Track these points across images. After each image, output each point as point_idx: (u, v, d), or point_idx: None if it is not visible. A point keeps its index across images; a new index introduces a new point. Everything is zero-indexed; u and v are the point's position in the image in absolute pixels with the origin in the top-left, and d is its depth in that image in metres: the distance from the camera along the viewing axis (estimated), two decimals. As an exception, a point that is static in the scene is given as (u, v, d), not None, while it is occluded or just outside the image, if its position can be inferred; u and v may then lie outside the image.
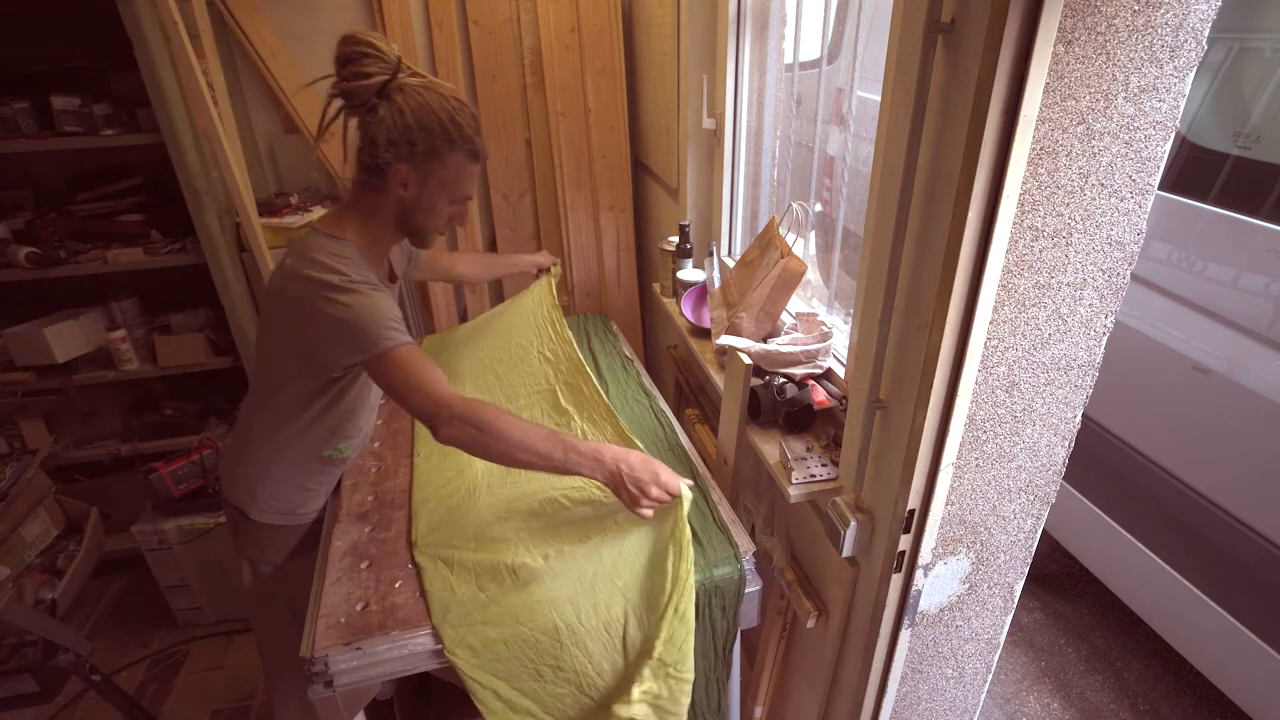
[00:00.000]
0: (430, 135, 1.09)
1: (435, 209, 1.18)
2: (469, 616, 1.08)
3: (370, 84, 1.06)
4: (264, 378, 1.24)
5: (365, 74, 1.06)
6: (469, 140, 1.13)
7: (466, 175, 1.17)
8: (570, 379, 1.53)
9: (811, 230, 1.57)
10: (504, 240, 2.47)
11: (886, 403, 1.00)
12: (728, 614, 1.15)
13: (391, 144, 1.08)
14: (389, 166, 1.10)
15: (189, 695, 2.04)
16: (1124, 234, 0.86)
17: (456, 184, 1.17)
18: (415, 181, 1.13)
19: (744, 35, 1.67)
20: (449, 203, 1.18)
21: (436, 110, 1.09)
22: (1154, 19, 0.74)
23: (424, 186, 1.14)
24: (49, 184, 2.16)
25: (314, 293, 1.08)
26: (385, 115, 1.07)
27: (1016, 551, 1.12)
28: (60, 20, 1.99)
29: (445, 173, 1.14)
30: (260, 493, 1.31)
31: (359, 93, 1.07)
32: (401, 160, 1.10)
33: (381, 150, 1.08)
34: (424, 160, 1.11)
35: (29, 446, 2.23)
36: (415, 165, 1.11)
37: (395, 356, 1.09)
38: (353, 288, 1.08)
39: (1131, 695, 2.00)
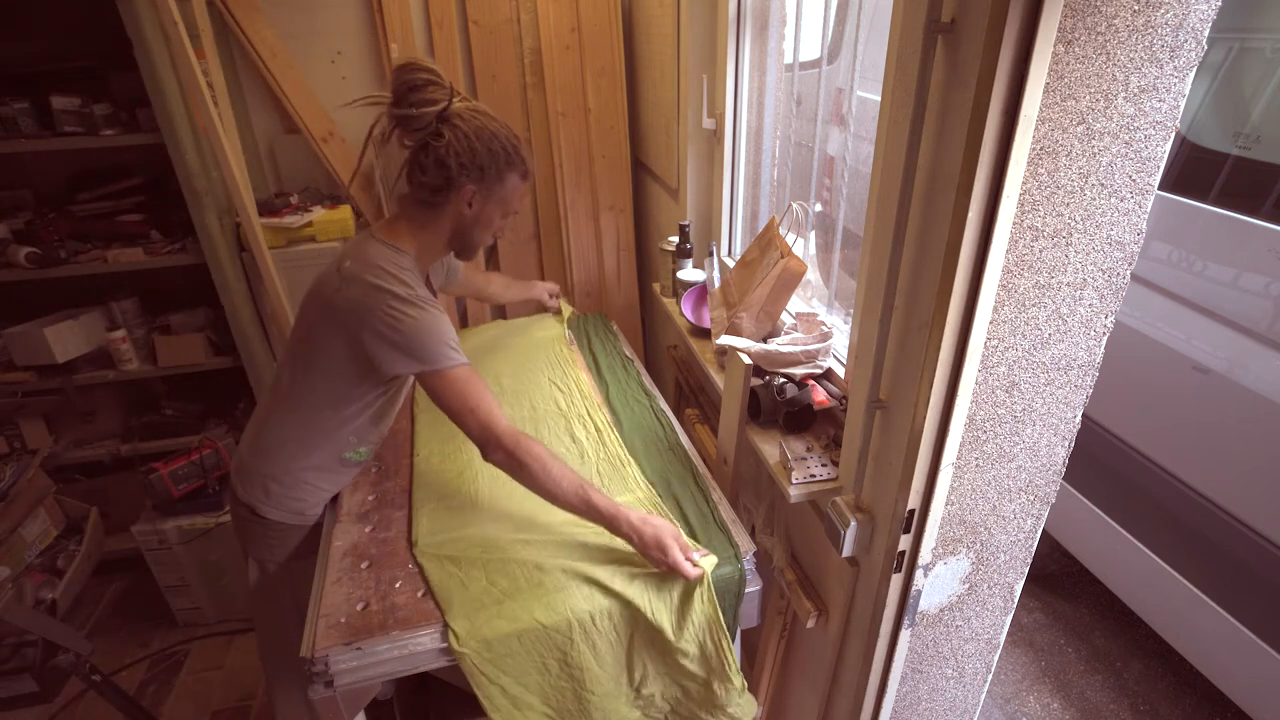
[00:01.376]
0: (495, 158, 1.17)
1: (490, 225, 1.26)
2: (484, 610, 1.08)
3: (434, 110, 1.12)
4: (301, 376, 1.24)
5: (430, 100, 1.12)
6: (524, 161, 1.22)
7: (519, 193, 1.26)
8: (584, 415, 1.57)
9: (811, 230, 1.57)
10: (504, 240, 2.47)
11: (886, 403, 1.00)
12: (727, 614, 1.15)
13: (463, 167, 1.15)
14: (460, 187, 1.17)
15: (189, 695, 2.04)
16: (1124, 234, 0.86)
17: (511, 202, 1.25)
18: (480, 200, 1.20)
19: (744, 35, 1.67)
20: (500, 218, 1.26)
21: (496, 133, 1.16)
22: (1154, 19, 0.74)
23: (485, 204, 1.22)
24: (49, 184, 2.16)
25: (379, 300, 1.12)
26: (451, 140, 1.13)
27: (1016, 551, 1.12)
28: (60, 20, 1.99)
29: (504, 192, 1.22)
30: (275, 490, 1.31)
31: (422, 118, 1.12)
32: (471, 181, 1.17)
33: (454, 172, 1.15)
34: (490, 181, 1.19)
35: (29, 446, 2.22)
36: (481, 185, 1.19)
37: (455, 376, 1.15)
38: (417, 302, 1.14)
39: (1131, 695, 2.00)
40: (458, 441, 1.48)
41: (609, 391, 1.67)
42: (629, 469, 1.39)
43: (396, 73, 1.13)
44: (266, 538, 1.36)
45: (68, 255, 2.00)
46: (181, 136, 1.83)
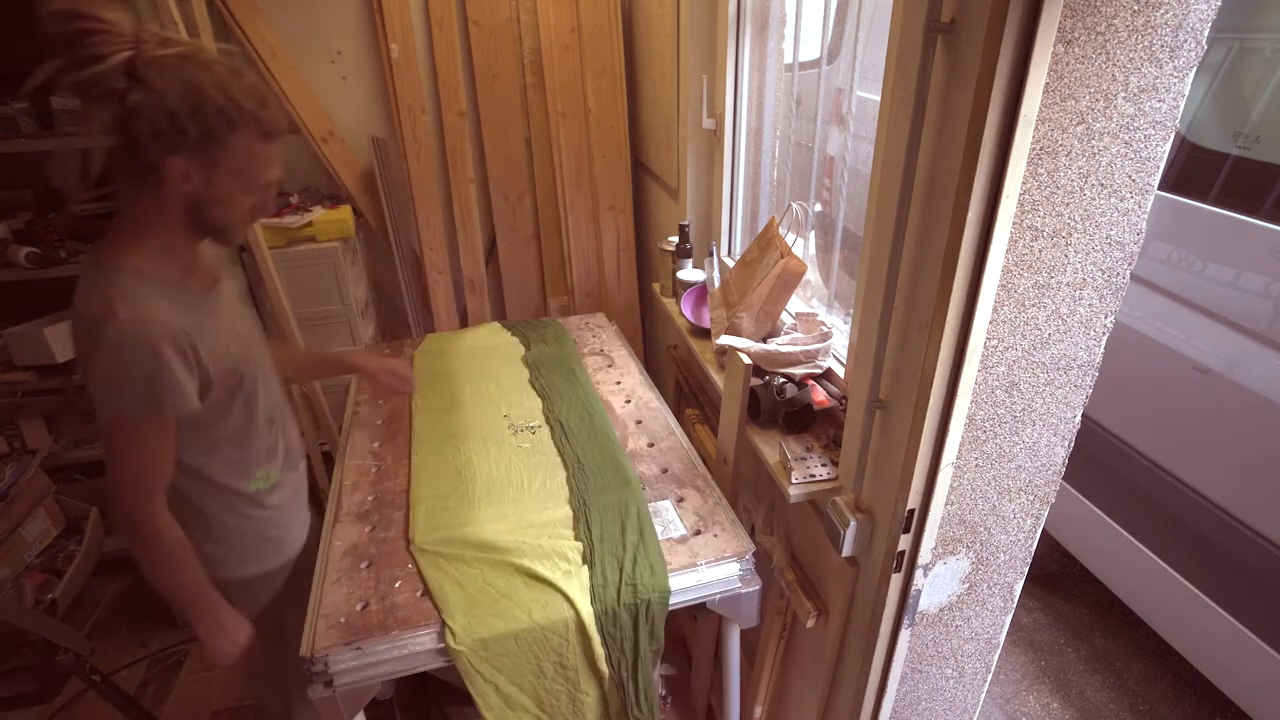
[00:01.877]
0: (203, 117, 0.89)
1: (232, 201, 0.98)
2: (481, 609, 1.08)
3: (109, 65, 0.84)
4: None
5: (98, 55, 0.84)
6: (253, 116, 0.93)
7: (260, 157, 0.97)
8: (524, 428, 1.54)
9: (811, 230, 1.57)
10: (504, 240, 2.48)
11: (886, 403, 1.00)
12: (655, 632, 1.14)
13: (156, 136, 0.88)
14: (160, 163, 0.90)
15: (189, 695, 2.04)
16: (1124, 234, 0.86)
17: (250, 170, 0.97)
18: (199, 174, 0.94)
19: (744, 35, 1.67)
20: (246, 192, 0.99)
21: (205, 86, 0.89)
22: (1154, 19, 0.74)
23: (211, 178, 0.95)
24: (49, 184, 2.16)
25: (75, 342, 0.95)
26: (140, 102, 0.86)
27: (1016, 551, 1.12)
28: (60, 20, 1.99)
29: (232, 159, 0.95)
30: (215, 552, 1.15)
31: (99, 81, 0.85)
32: (173, 153, 0.90)
33: (145, 146, 0.88)
34: (202, 148, 0.91)
35: (29, 446, 2.23)
36: (192, 156, 0.92)
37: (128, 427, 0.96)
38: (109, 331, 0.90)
39: (1131, 695, 2.00)
40: (455, 441, 1.48)
41: (547, 405, 1.62)
42: (555, 487, 1.35)
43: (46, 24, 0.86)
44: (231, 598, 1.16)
45: (68, 255, 2.00)
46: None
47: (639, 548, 1.18)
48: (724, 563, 1.18)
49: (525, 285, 2.56)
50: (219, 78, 0.90)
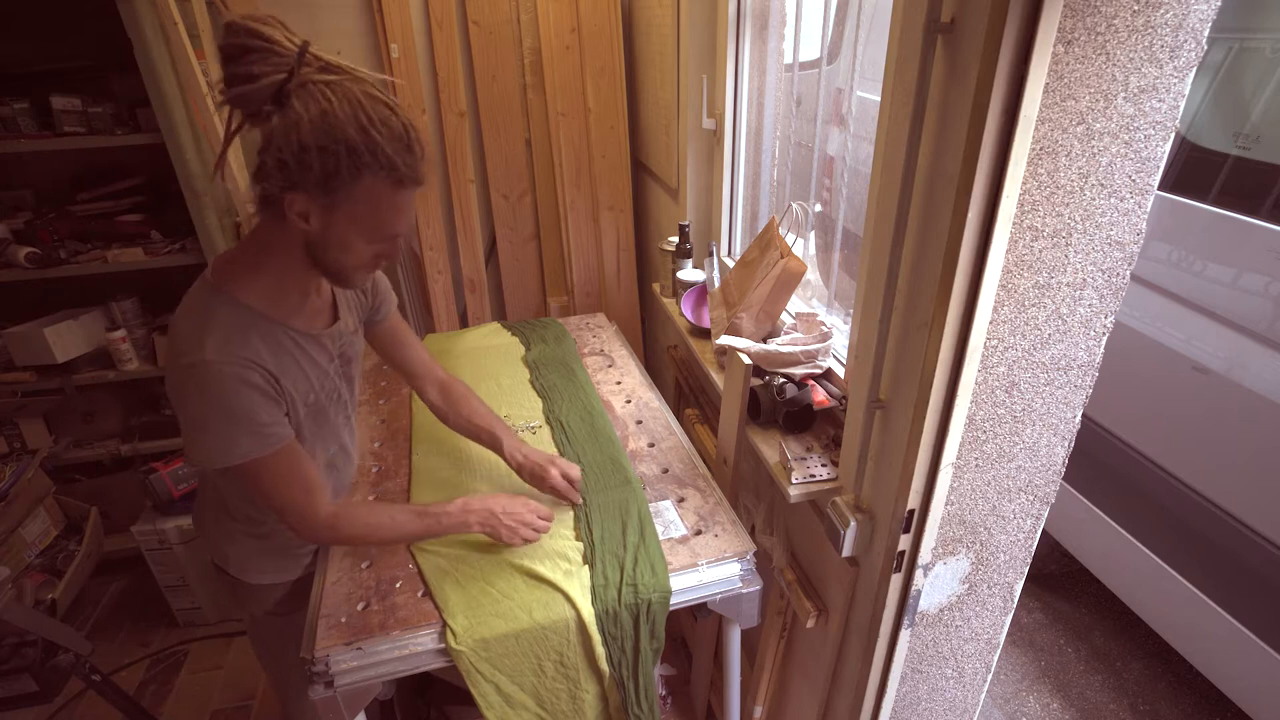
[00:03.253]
0: (331, 157, 0.83)
1: (348, 247, 0.92)
2: (482, 609, 1.08)
3: (259, 87, 0.82)
4: None
5: (250, 75, 0.81)
6: (387, 161, 0.85)
7: (388, 207, 0.90)
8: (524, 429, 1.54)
9: (811, 230, 1.57)
10: (504, 240, 2.48)
11: (886, 403, 1.00)
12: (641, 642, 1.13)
13: (280, 167, 0.83)
14: (282, 196, 0.86)
15: (189, 695, 2.04)
16: (1124, 234, 0.86)
17: (374, 218, 0.90)
18: (318, 214, 0.88)
19: (744, 35, 1.67)
20: (365, 240, 0.92)
21: (344, 121, 0.83)
22: (1154, 19, 0.74)
23: (330, 220, 0.89)
24: (49, 184, 2.16)
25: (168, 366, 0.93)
26: (278, 129, 0.83)
27: (1016, 551, 1.12)
28: (60, 20, 1.99)
29: (355, 205, 0.88)
30: (232, 553, 1.19)
31: (248, 98, 0.83)
32: (294, 189, 0.85)
33: (268, 176, 0.85)
34: (324, 189, 0.85)
35: (29, 446, 2.23)
36: (314, 195, 0.86)
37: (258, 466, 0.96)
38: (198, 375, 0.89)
39: (1131, 695, 2.00)
40: (456, 441, 1.48)
41: (548, 406, 1.61)
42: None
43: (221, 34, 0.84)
44: (239, 594, 1.23)
45: (68, 255, 2.00)
46: (181, 136, 1.83)
47: (639, 548, 1.18)
48: (724, 563, 1.18)
49: (525, 285, 2.56)
50: (363, 114, 0.84)
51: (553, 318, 2.10)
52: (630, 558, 1.16)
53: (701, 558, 1.18)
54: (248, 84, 0.82)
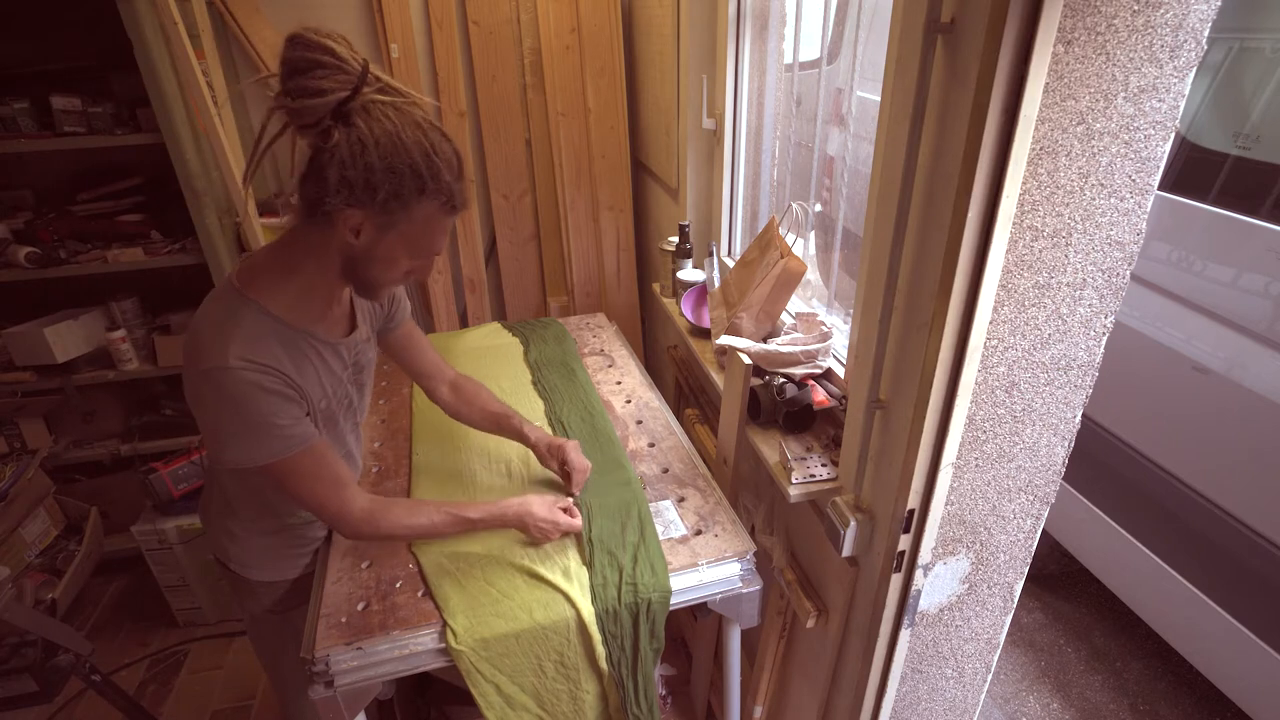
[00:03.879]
0: (397, 179, 0.86)
1: (392, 264, 0.96)
2: (482, 609, 1.08)
3: (323, 102, 0.83)
4: None
5: (317, 90, 0.83)
6: (446, 188, 0.90)
7: (437, 229, 0.94)
8: None
9: (811, 230, 1.57)
10: (504, 240, 2.48)
11: (886, 403, 1.00)
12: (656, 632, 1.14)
13: (345, 184, 0.85)
14: (338, 211, 0.88)
15: (189, 695, 2.04)
16: (1124, 234, 0.86)
17: (423, 239, 0.94)
18: (371, 231, 0.91)
19: (744, 35, 1.67)
20: (410, 258, 0.96)
21: (410, 146, 0.86)
22: (1154, 19, 0.74)
23: (381, 237, 0.92)
24: (49, 184, 2.16)
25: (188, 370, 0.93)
26: (341, 145, 0.84)
27: (1016, 551, 1.12)
28: (60, 20, 1.99)
29: (411, 225, 0.91)
30: (233, 549, 1.20)
31: (310, 111, 0.84)
32: (355, 206, 0.87)
33: (331, 191, 0.86)
34: (384, 209, 0.88)
35: (29, 446, 2.23)
36: (372, 213, 0.89)
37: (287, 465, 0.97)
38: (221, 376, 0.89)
39: (1131, 695, 2.00)
40: (456, 440, 1.48)
41: (549, 407, 1.61)
42: (556, 484, 1.35)
43: (283, 48, 0.85)
44: (240, 590, 1.24)
45: (68, 255, 2.00)
46: (181, 136, 1.83)
47: (639, 547, 1.18)
48: (725, 563, 1.18)
49: (525, 285, 2.56)
50: (426, 141, 0.87)
51: (553, 318, 2.10)
52: (630, 557, 1.16)
53: (701, 558, 1.18)
54: (314, 98, 0.83)
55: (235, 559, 1.20)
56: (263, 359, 0.92)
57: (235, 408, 0.91)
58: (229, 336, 0.91)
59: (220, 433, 0.94)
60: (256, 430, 0.93)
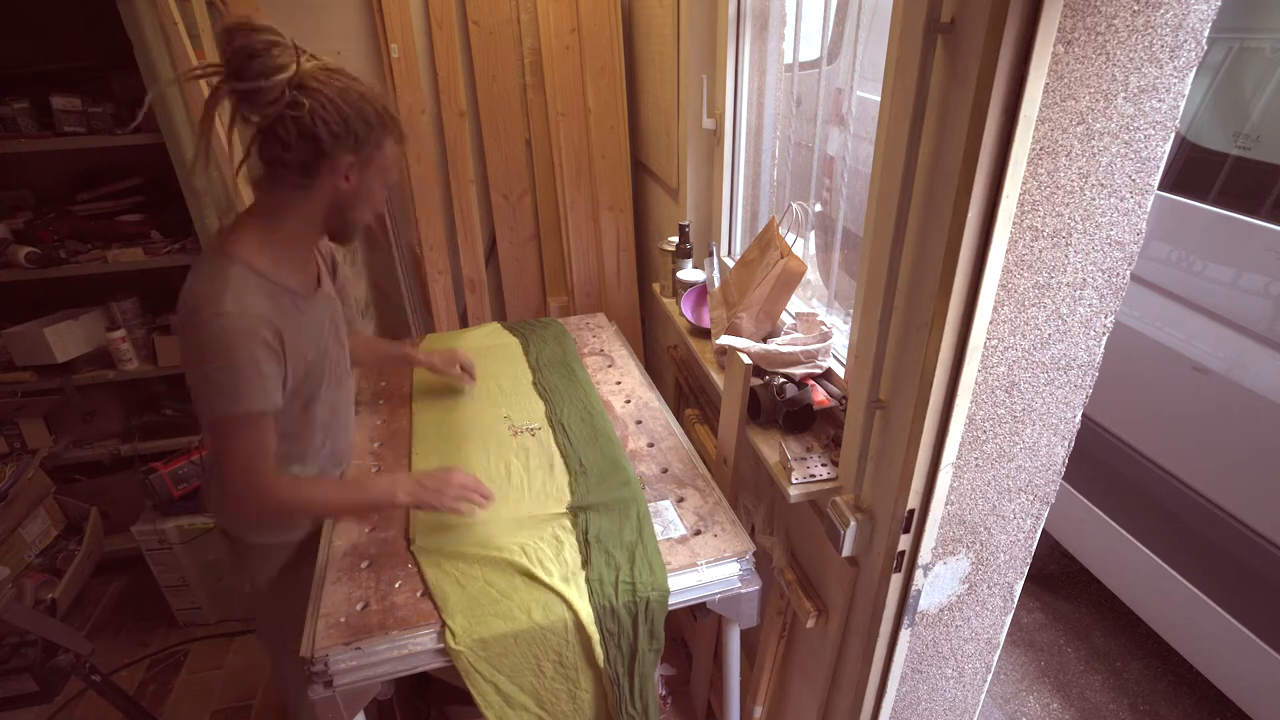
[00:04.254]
0: (368, 123, 1.02)
1: (371, 199, 1.12)
2: (481, 609, 1.08)
3: (285, 77, 0.95)
4: None
5: (279, 66, 0.94)
6: (398, 122, 1.08)
7: (396, 159, 1.13)
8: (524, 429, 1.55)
9: (811, 230, 1.57)
10: (504, 240, 2.48)
11: (886, 403, 1.00)
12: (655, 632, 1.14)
13: (335, 136, 0.99)
14: (335, 159, 1.02)
15: (189, 695, 2.04)
16: (1124, 234, 0.86)
17: (391, 170, 1.12)
18: (358, 171, 1.06)
19: (744, 35, 1.67)
20: (382, 190, 1.13)
21: (365, 94, 1.02)
22: (1154, 19, 0.74)
23: (365, 175, 1.07)
24: (49, 184, 2.16)
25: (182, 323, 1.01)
26: (314, 107, 0.97)
27: (1016, 551, 1.12)
28: (60, 20, 1.99)
29: (383, 160, 1.09)
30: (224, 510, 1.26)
31: (273, 89, 0.95)
32: (348, 151, 1.02)
33: (326, 143, 0.99)
34: (367, 147, 1.04)
35: (29, 446, 2.23)
36: (359, 154, 1.04)
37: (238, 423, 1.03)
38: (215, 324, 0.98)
39: (1131, 695, 2.00)
40: (456, 441, 1.48)
41: (549, 408, 1.61)
42: (556, 489, 1.35)
43: (226, 37, 0.94)
44: (246, 556, 1.30)
45: (68, 255, 2.00)
46: (181, 136, 1.83)
47: (637, 547, 1.18)
48: (724, 563, 1.18)
49: (525, 285, 2.56)
50: (370, 90, 1.03)
51: (553, 318, 2.11)
52: (627, 557, 1.16)
53: (701, 558, 1.18)
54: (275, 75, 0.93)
55: (237, 523, 1.26)
56: (255, 310, 1.01)
57: (226, 353, 0.99)
58: (222, 290, 1.00)
59: (208, 379, 1.00)
60: (239, 376, 1.00)
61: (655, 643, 1.13)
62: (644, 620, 1.11)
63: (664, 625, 1.13)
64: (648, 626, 1.12)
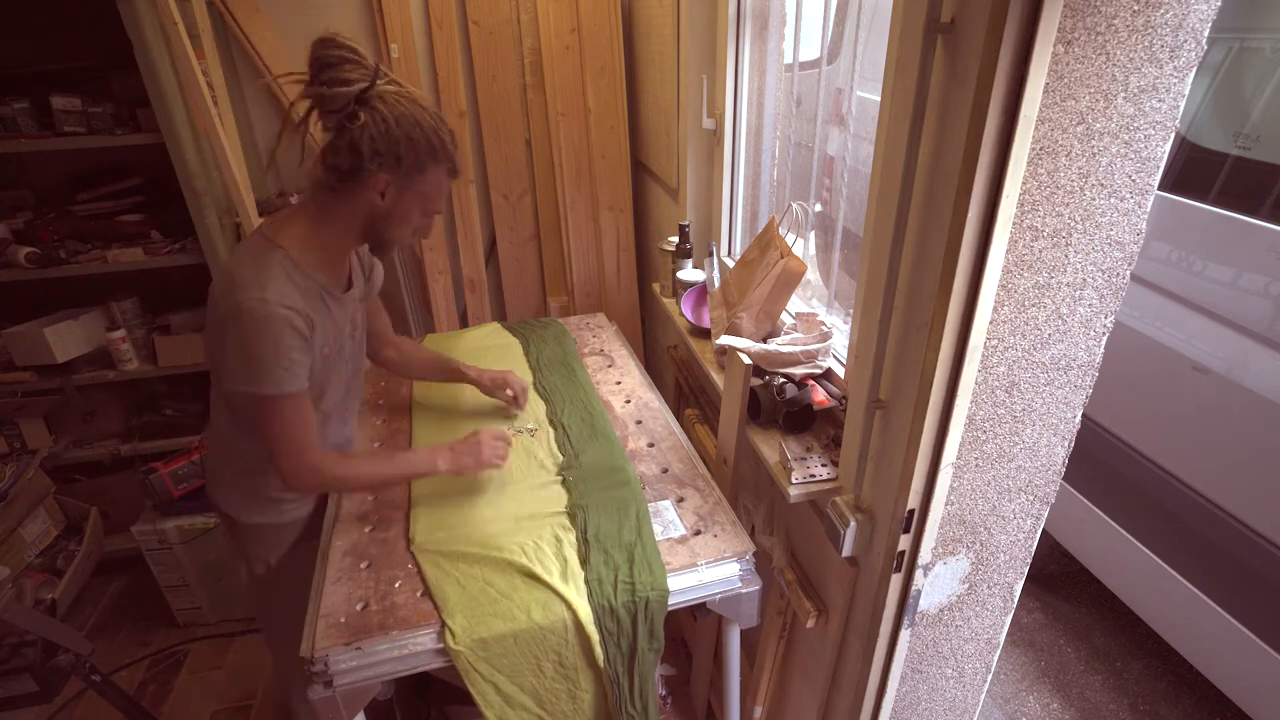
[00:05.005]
0: (415, 147, 1.09)
1: (407, 220, 1.17)
2: (481, 609, 1.08)
3: (350, 90, 1.04)
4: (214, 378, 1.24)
5: (345, 80, 1.03)
6: (450, 156, 1.14)
7: (442, 190, 1.18)
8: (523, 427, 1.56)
9: (811, 230, 1.57)
10: (504, 240, 2.48)
11: (886, 403, 1.00)
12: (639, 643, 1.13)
13: (377, 153, 1.06)
14: (371, 175, 1.08)
15: (189, 695, 2.04)
16: (1124, 234, 0.86)
17: (433, 198, 1.17)
18: (394, 191, 1.12)
19: (744, 35, 1.67)
20: (421, 215, 1.19)
21: (420, 122, 1.08)
22: (1154, 19, 0.74)
23: (401, 197, 1.13)
24: (49, 184, 2.16)
25: (224, 300, 1.07)
26: (368, 123, 1.05)
27: (1016, 551, 1.12)
28: (60, 20, 1.99)
29: (425, 186, 1.14)
30: (237, 497, 1.32)
31: (337, 98, 1.04)
32: (385, 170, 1.09)
33: (366, 158, 1.06)
34: (407, 173, 1.11)
35: (29, 446, 2.23)
36: (397, 176, 1.10)
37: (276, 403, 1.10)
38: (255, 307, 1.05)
39: (1131, 695, 2.00)
40: (455, 439, 1.48)
41: (549, 408, 1.60)
42: (555, 489, 1.35)
43: (313, 48, 1.05)
44: (248, 539, 1.35)
45: (68, 255, 2.00)
46: (181, 136, 1.83)
47: (636, 547, 1.18)
48: (724, 563, 1.18)
49: (525, 285, 2.56)
50: (431, 119, 1.10)
51: (553, 318, 2.10)
52: (626, 557, 1.16)
53: (701, 558, 1.18)
54: (342, 86, 1.03)
55: (238, 506, 1.32)
56: (289, 301, 1.09)
57: (262, 335, 1.06)
58: (265, 276, 1.07)
59: (242, 355, 1.07)
60: (274, 359, 1.07)
61: (655, 642, 1.13)
62: (643, 620, 1.11)
63: (664, 625, 1.13)
64: (647, 626, 1.12)
